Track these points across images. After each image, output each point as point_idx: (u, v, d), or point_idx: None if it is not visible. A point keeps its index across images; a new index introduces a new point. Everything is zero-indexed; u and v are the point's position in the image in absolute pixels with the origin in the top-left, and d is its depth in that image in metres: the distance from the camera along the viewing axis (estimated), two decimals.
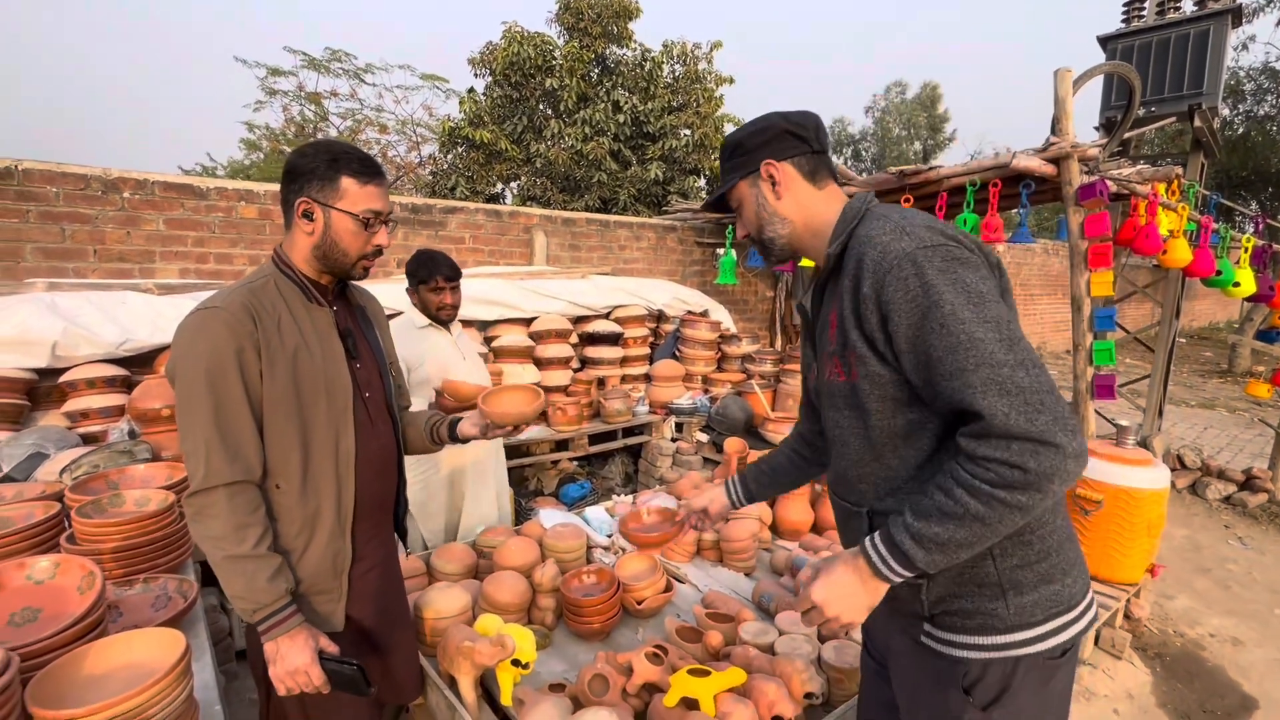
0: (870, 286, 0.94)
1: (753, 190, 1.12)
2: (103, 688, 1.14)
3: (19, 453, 2.40)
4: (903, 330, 0.92)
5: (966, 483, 0.86)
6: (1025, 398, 0.82)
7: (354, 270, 1.29)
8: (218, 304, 1.18)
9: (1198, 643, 2.93)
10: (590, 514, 2.55)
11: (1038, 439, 0.81)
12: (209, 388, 1.14)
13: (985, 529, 0.86)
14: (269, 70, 10.69)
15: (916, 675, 1.09)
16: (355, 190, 1.22)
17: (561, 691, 1.49)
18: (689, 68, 9.17)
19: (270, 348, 1.20)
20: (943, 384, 0.88)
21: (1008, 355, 0.84)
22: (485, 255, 4.68)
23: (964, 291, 0.88)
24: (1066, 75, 3.32)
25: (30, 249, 3.04)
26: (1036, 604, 0.98)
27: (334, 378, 1.28)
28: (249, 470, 1.19)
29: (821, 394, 1.14)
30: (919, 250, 0.91)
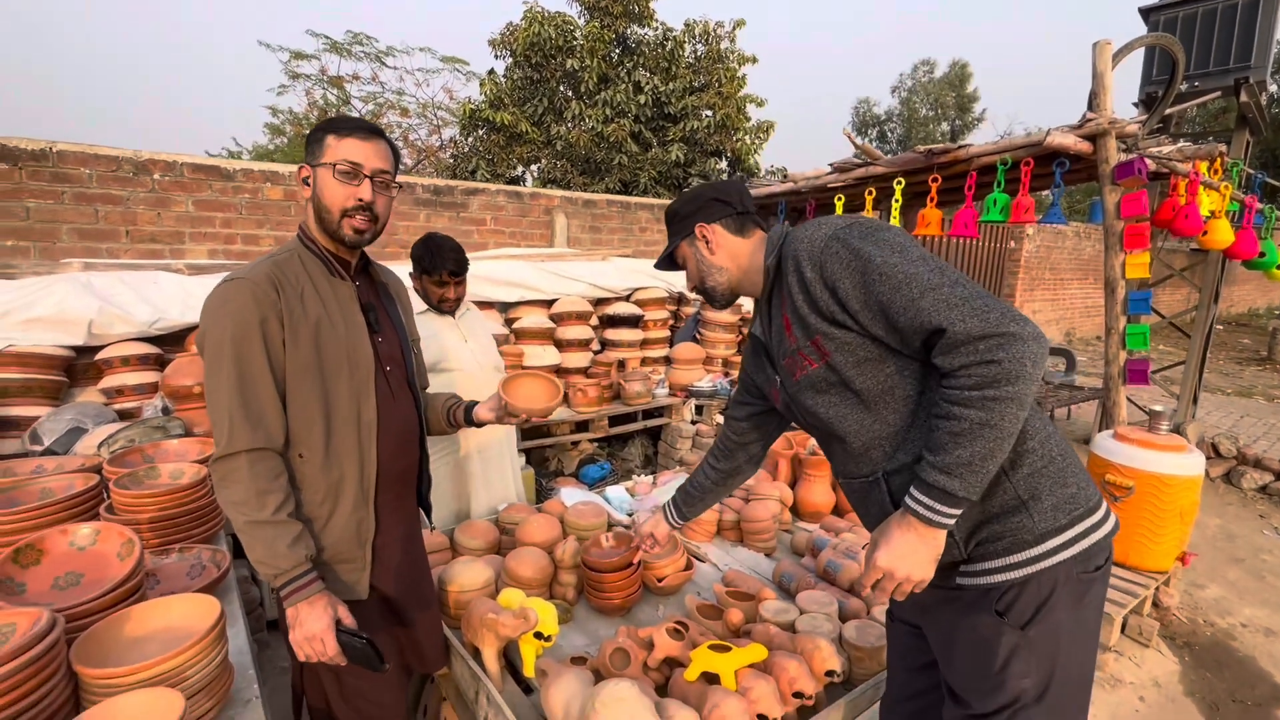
0: (812, 270, 1.07)
1: (692, 249, 1.29)
2: (142, 649, 1.18)
3: (59, 427, 2.48)
4: (852, 293, 1.03)
5: (957, 398, 0.95)
6: (970, 304, 0.94)
7: (341, 229, 1.26)
8: (243, 275, 1.21)
9: (1228, 632, 2.87)
10: (610, 493, 2.57)
11: (995, 332, 0.92)
12: (233, 356, 1.17)
13: (995, 431, 0.93)
14: (292, 54, 10.75)
15: (951, 619, 1.12)
16: (335, 143, 1.23)
17: (583, 664, 1.51)
18: (711, 47, 9.03)
19: (293, 318, 1.22)
20: (900, 319, 0.99)
21: (941, 279, 0.97)
22: (506, 237, 4.69)
23: (885, 246, 1.02)
24: (1106, 47, 3.20)
25: (66, 230, 3.12)
26: (1058, 507, 1.04)
27: (356, 349, 1.30)
28: (270, 438, 1.21)
29: (801, 394, 1.19)
30: (839, 230, 1.07)
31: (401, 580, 1.45)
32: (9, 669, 0.97)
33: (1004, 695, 1.05)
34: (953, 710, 1.14)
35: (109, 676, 1.07)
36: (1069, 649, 1.06)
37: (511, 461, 2.49)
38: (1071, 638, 1.06)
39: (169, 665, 1.10)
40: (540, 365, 4.00)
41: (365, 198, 1.25)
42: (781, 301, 1.17)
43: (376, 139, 1.26)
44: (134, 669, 1.07)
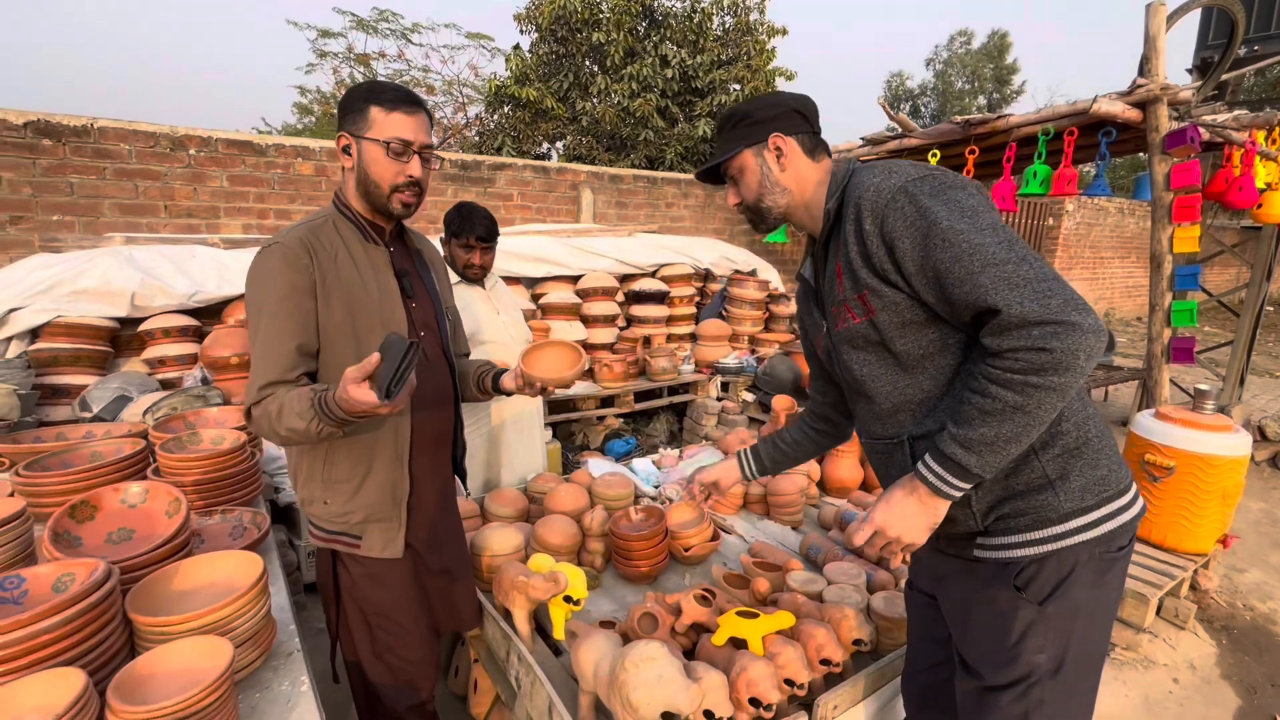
0: (871, 223, 1.01)
1: (757, 160, 1.17)
2: (191, 601, 1.23)
3: (106, 395, 2.57)
4: (910, 254, 0.97)
5: (998, 378, 0.91)
6: (1034, 286, 0.88)
7: (390, 203, 1.28)
8: (278, 239, 1.25)
9: (1269, 617, 2.80)
10: (637, 465, 2.58)
11: (1055, 320, 0.86)
12: (271, 310, 1.22)
13: (1027, 417, 0.90)
14: (319, 32, 10.79)
15: (970, 593, 1.10)
16: (382, 118, 1.23)
17: (612, 628, 1.53)
18: (740, 19, 8.81)
19: (326, 281, 1.25)
20: (955, 291, 0.94)
21: (1009, 254, 0.90)
22: (533, 212, 4.69)
23: (956, 208, 0.95)
24: (1160, 9, 3.04)
25: (108, 204, 3.21)
26: (1086, 489, 1.01)
27: (390, 314, 1.32)
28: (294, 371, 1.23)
29: (839, 346, 1.16)
30: (909, 183, 0.99)
31: (436, 541, 1.49)
32: (70, 614, 1.01)
33: (1018, 668, 1.04)
34: (965, 681, 1.13)
35: (163, 624, 1.11)
36: (1085, 627, 1.04)
37: (540, 433, 2.52)
38: (1089, 616, 1.04)
39: (218, 615, 1.15)
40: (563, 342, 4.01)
41: (416, 174, 1.27)
42: (837, 248, 1.11)
43: (420, 111, 1.27)
44: (186, 618, 1.12)
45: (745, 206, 1.23)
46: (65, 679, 0.92)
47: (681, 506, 2.07)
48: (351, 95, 1.27)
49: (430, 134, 1.29)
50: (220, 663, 1.02)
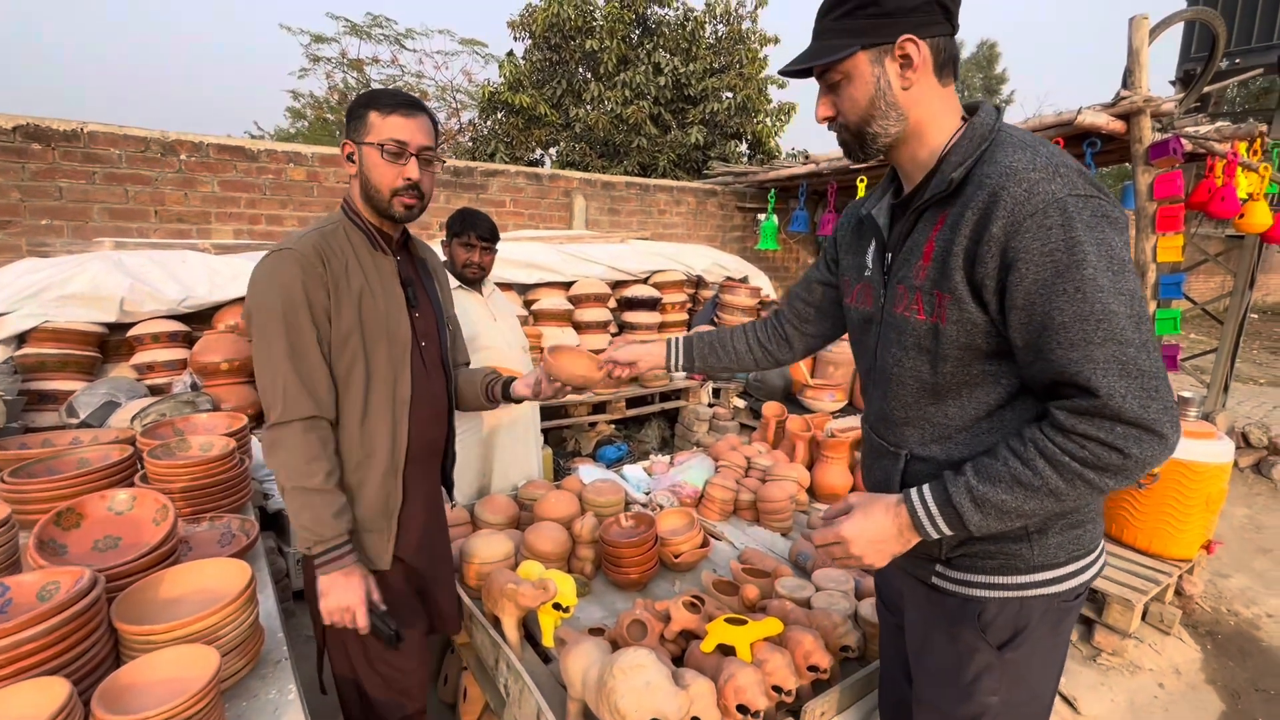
0: (1002, 228, 0.82)
1: (875, 68, 0.91)
2: (178, 609, 1.22)
3: (94, 401, 2.55)
4: (1026, 284, 0.82)
5: (1053, 456, 0.81)
6: (1144, 382, 0.77)
7: (391, 207, 1.28)
8: (290, 245, 1.24)
9: (1253, 622, 2.83)
10: (628, 472, 2.59)
11: (1148, 427, 0.77)
12: (284, 326, 1.20)
13: (1056, 504, 0.84)
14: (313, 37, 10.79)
15: (929, 619, 1.07)
16: (379, 122, 1.24)
17: (601, 635, 1.53)
18: (732, 27, 8.88)
19: (338, 289, 1.25)
20: (1058, 352, 0.80)
21: (1135, 334, 0.78)
22: (525, 219, 4.70)
23: (1108, 255, 0.79)
24: (1142, 22, 3.10)
25: (97, 209, 3.19)
26: (1060, 546, 0.96)
27: (395, 323, 1.33)
28: (323, 406, 1.25)
29: (885, 328, 1.03)
30: (1071, 198, 0.80)
31: (422, 550, 1.49)
32: (55, 623, 1.01)
33: (971, 707, 1.02)
34: (920, 707, 1.11)
35: (148, 633, 1.11)
36: (1040, 672, 1.03)
37: (535, 439, 2.52)
38: (1044, 664, 1.03)
39: (204, 624, 1.15)
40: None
41: (413, 177, 1.26)
42: (939, 222, 0.92)
43: (419, 114, 1.27)
44: (171, 626, 1.11)
45: (841, 126, 0.97)
46: (49, 688, 0.92)
47: (671, 513, 2.08)
48: (354, 103, 1.28)
49: (431, 136, 1.30)
50: (206, 672, 1.02)
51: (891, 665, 1.28)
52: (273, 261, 1.23)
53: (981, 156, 0.89)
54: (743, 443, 2.85)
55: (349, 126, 1.28)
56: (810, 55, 0.96)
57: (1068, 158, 0.86)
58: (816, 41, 0.96)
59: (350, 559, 1.27)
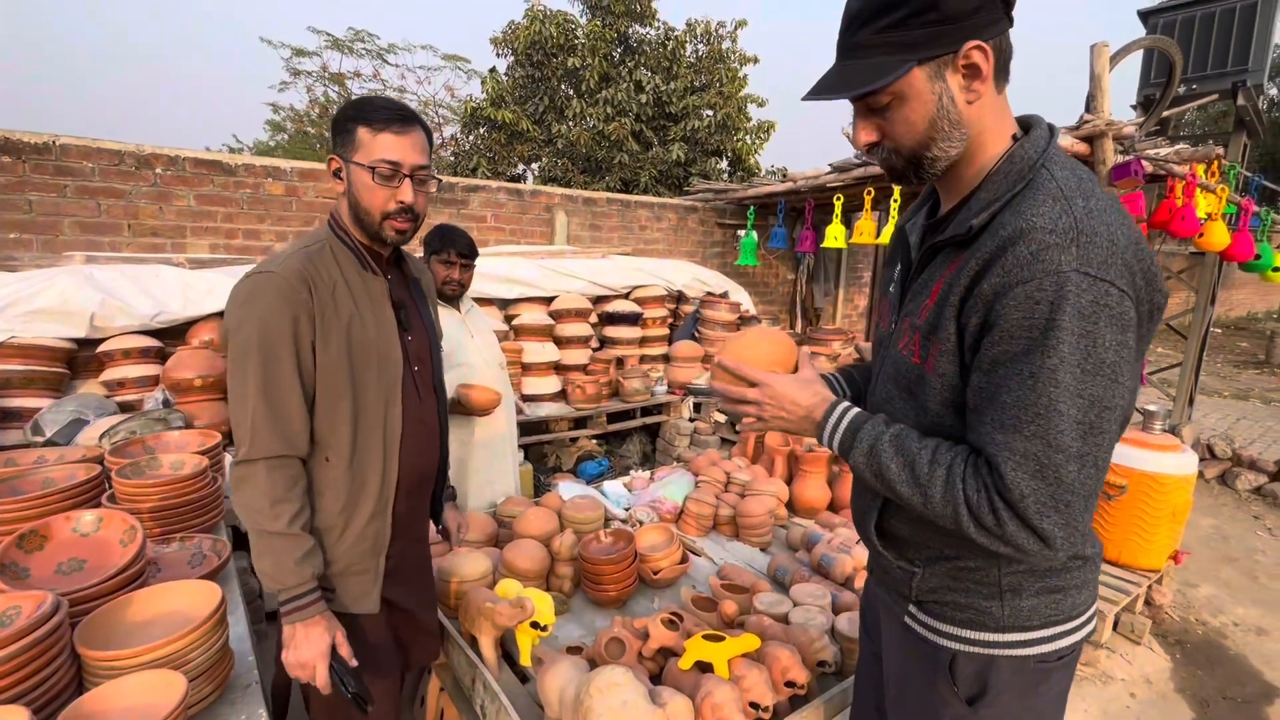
0: (993, 286, 0.76)
1: (934, 84, 0.78)
2: (145, 633, 1.20)
3: (61, 418, 2.49)
4: (994, 352, 0.77)
5: (952, 479, 0.80)
6: (1056, 491, 0.74)
7: (382, 230, 1.19)
8: (273, 269, 1.13)
9: (1220, 631, 2.89)
10: (608, 488, 2.59)
11: (1035, 531, 0.75)
12: (260, 358, 1.11)
13: (922, 508, 0.83)
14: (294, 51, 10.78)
15: (904, 659, 1.03)
16: (369, 140, 1.14)
17: (579, 654, 1.52)
18: (713, 47, 9.04)
19: (325, 317, 1.16)
20: (988, 427, 0.78)
21: (1074, 441, 0.73)
22: (506, 234, 4.71)
23: (1085, 351, 0.72)
24: (1103, 50, 3.22)
25: (68, 223, 3.14)
26: (1034, 610, 0.90)
27: (386, 349, 1.24)
28: (293, 445, 1.16)
29: (884, 353, 1.00)
30: (1077, 274, 0.72)
31: (409, 585, 1.41)
32: (13, 650, 0.98)
33: None
34: None
35: (113, 659, 1.08)
36: None
37: (512, 456, 2.51)
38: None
39: (171, 649, 1.12)
40: (540, 362, 4.02)
41: (406, 200, 1.17)
42: (952, 264, 0.84)
43: (412, 128, 1.17)
44: (137, 652, 1.09)
45: (890, 151, 0.84)
46: (8, 717, 0.90)
47: (651, 529, 2.08)
48: (340, 114, 1.19)
49: (425, 153, 1.20)
50: (173, 698, 1.00)
51: (864, 694, 1.23)
52: (252, 286, 1.13)
53: (1012, 200, 0.79)
54: (723, 457, 2.86)
55: (335, 140, 1.19)
56: (851, 80, 0.79)
57: (1111, 221, 0.75)
58: (852, 59, 0.80)
59: (316, 609, 1.17)
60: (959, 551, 0.92)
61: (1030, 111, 0.90)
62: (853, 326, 7.05)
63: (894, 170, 0.87)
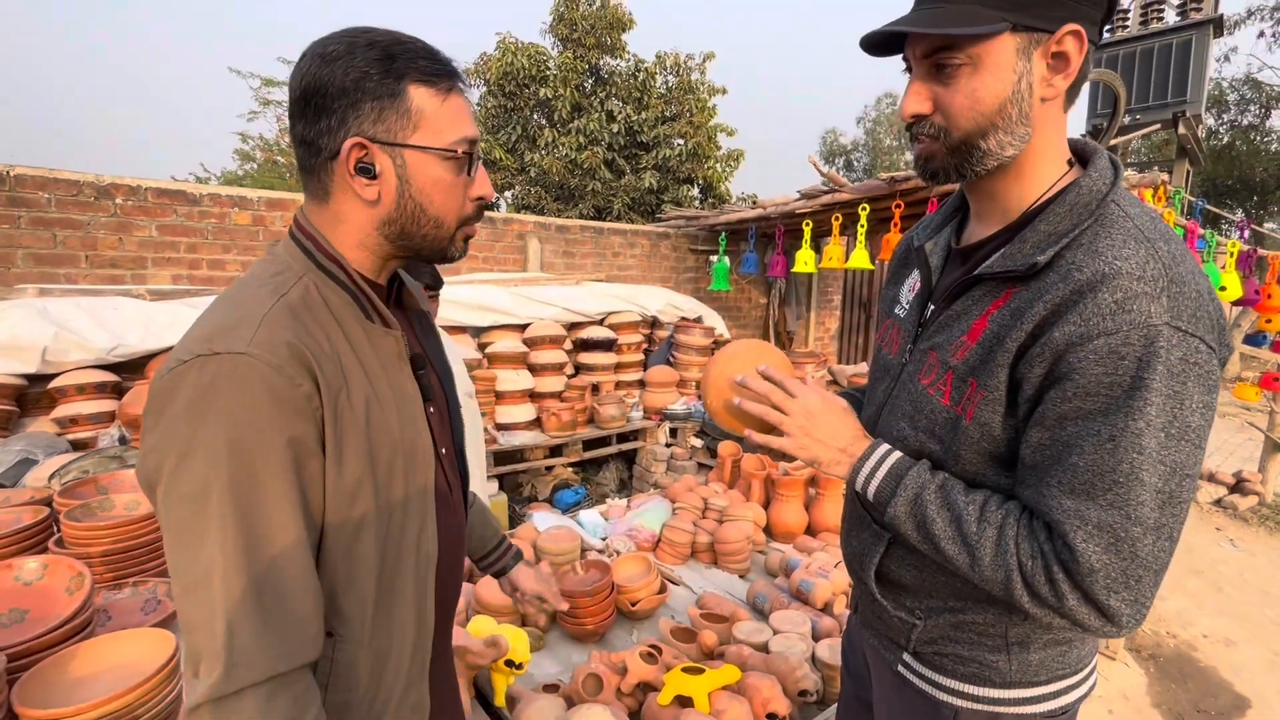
0: (1066, 335, 0.67)
1: (1019, 60, 0.70)
2: (91, 688, 1.13)
3: (7, 459, 2.37)
4: (1063, 409, 0.69)
5: (1004, 541, 0.72)
6: (1127, 568, 0.66)
7: (453, 248, 0.80)
8: (242, 348, 0.63)
9: (1190, 644, 2.94)
10: (584, 517, 2.55)
11: (1099, 607, 0.68)
12: (239, 509, 0.63)
13: (968, 569, 0.76)
14: (263, 80, 10.75)
15: (900, 713, 0.97)
16: (435, 108, 0.72)
17: (556, 692, 1.48)
18: (682, 78, 9.26)
19: (339, 418, 0.70)
20: (1054, 492, 0.69)
21: (1152, 513, 0.66)
22: (480, 261, 4.69)
23: (1172, 414, 0.65)
24: None
25: (21, 255, 3.03)
26: (1042, 664, 0.84)
27: (413, 445, 0.79)
28: (303, 649, 0.67)
29: (895, 385, 0.90)
30: (1169, 329, 0.65)
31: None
32: None
33: None
34: None
35: (53, 718, 1.02)
36: None
37: (483, 489, 2.46)
38: None
39: (118, 704, 1.06)
40: (514, 389, 3.98)
41: (489, 194, 0.80)
42: (1001, 298, 0.75)
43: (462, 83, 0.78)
44: (80, 709, 1.03)
45: (939, 130, 0.74)
46: None
47: (628, 559, 2.05)
48: (356, 65, 0.68)
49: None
50: None
51: None
52: (210, 379, 0.63)
53: (1079, 237, 0.71)
54: (700, 483, 2.85)
55: (359, 111, 0.69)
56: (934, 19, 0.69)
57: (1194, 269, 0.68)
58: (931, 5, 0.71)
59: None
60: (965, 604, 0.86)
61: None
62: (824, 349, 7.15)
63: (931, 161, 0.77)
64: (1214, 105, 13.83)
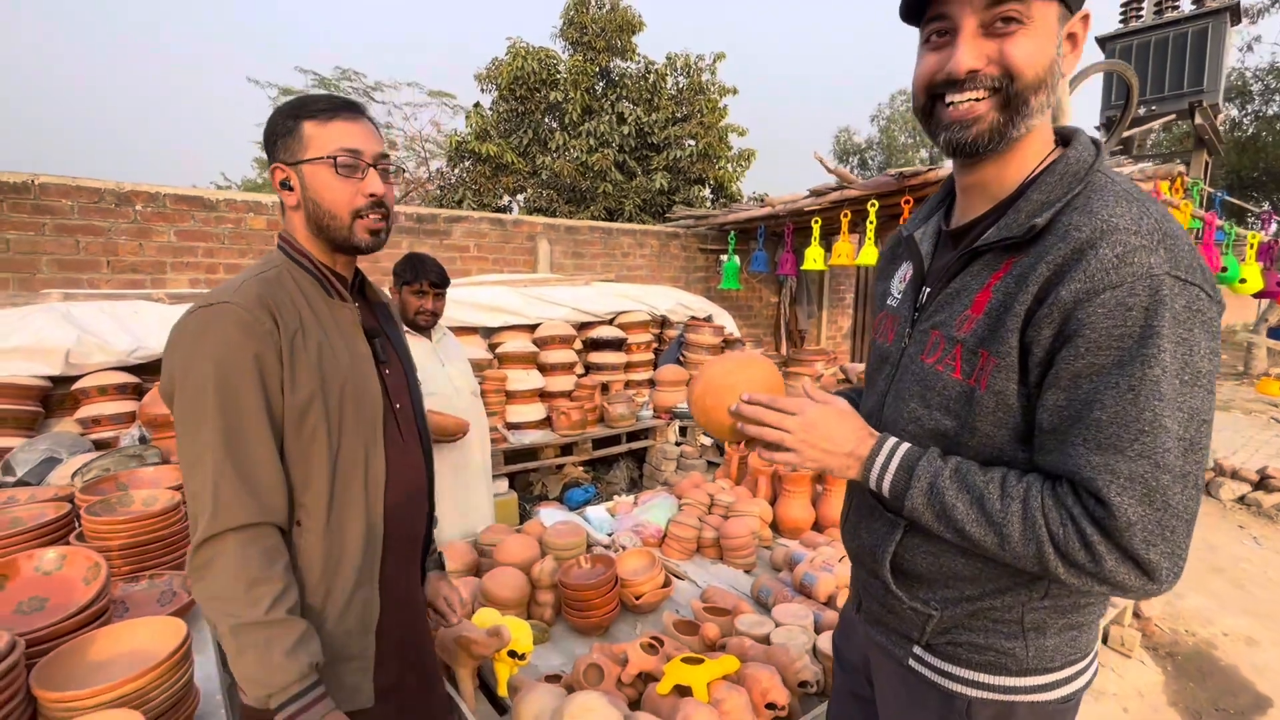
0: (1073, 293, 0.69)
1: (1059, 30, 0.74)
2: (106, 672, 1.17)
3: (33, 458, 2.45)
4: (1078, 366, 0.69)
5: (1031, 511, 0.71)
6: (1162, 519, 0.66)
7: (354, 235, 1.02)
8: (226, 298, 0.94)
9: (1210, 642, 2.88)
10: (591, 513, 2.57)
11: (1142, 565, 0.67)
12: (220, 406, 0.91)
13: (997, 549, 0.74)
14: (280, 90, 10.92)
15: (908, 707, 0.95)
16: (319, 132, 0.99)
17: (558, 682, 1.50)
18: (692, 79, 9.27)
19: (294, 351, 0.97)
20: (1080, 450, 0.69)
21: (1179, 460, 0.67)
22: (490, 263, 4.74)
23: (1184, 359, 0.67)
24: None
25: (46, 261, 3.13)
26: (1058, 648, 0.84)
27: (363, 387, 1.05)
28: (269, 509, 0.94)
29: (904, 371, 0.89)
30: (1171, 278, 0.67)
31: (406, 665, 1.17)
32: None
33: None
34: None
35: (69, 700, 1.06)
36: None
37: (487, 486, 2.49)
38: None
39: (130, 687, 1.09)
40: (524, 389, 4.01)
41: (377, 190, 1.02)
42: (1002, 268, 0.77)
43: (364, 116, 1.04)
44: (94, 692, 1.06)
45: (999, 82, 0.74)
46: None
47: (632, 554, 2.07)
48: (276, 117, 1.02)
49: (383, 143, 1.06)
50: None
51: None
52: (202, 321, 0.93)
53: (1072, 201, 0.74)
54: (708, 480, 2.85)
55: (276, 148, 1.02)
56: None
57: (1173, 221, 0.71)
58: None
59: (323, 707, 0.92)
60: (982, 591, 0.85)
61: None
62: (836, 348, 7.11)
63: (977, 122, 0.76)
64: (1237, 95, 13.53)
